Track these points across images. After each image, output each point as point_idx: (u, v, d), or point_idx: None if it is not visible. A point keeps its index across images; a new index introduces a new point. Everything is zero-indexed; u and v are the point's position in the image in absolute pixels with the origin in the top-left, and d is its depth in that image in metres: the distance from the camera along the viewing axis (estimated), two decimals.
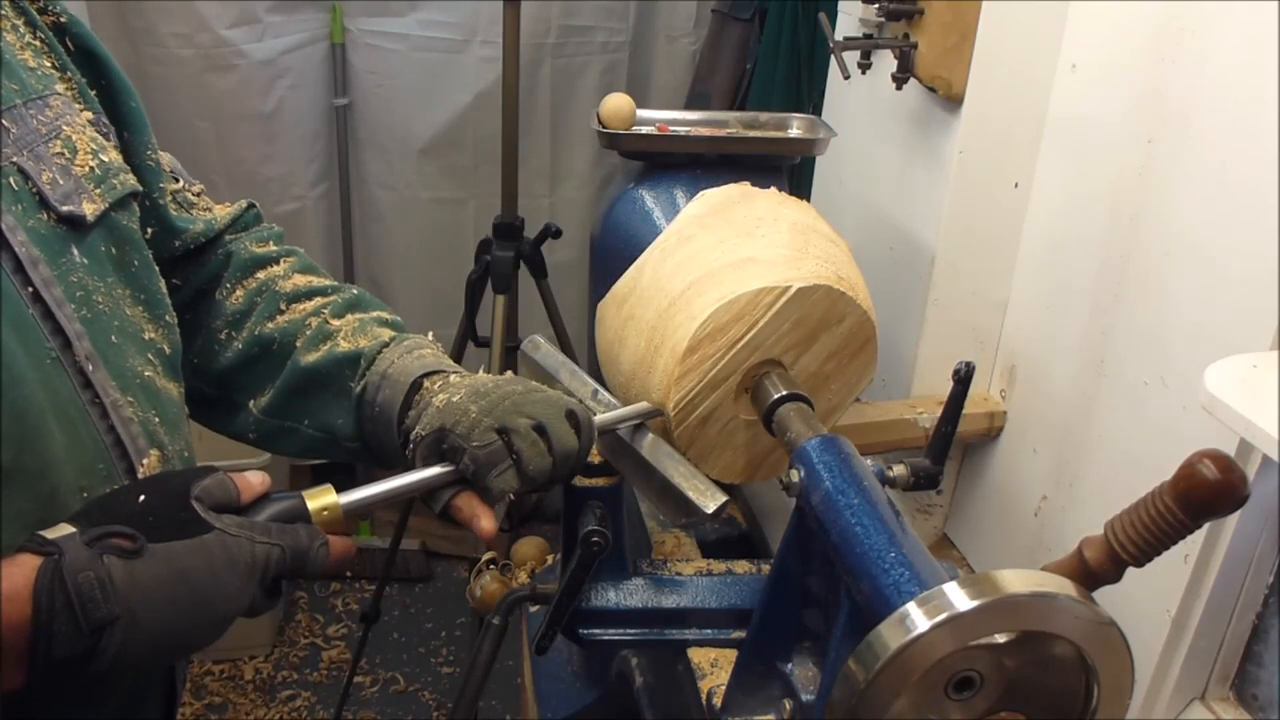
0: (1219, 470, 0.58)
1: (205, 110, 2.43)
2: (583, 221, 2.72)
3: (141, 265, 0.80)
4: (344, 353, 0.88)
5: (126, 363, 0.76)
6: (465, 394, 0.82)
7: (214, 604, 0.66)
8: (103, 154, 0.77)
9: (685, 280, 0.99)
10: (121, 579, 0.61)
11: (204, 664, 2.55)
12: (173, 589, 0.63)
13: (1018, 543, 1.34)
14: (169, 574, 0.63)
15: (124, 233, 0.78)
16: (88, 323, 0.72)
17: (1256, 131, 0.93)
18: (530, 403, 0.81)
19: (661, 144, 1.38)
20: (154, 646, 0.63)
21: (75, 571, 0.60)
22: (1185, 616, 1.03)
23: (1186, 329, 1.03)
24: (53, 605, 0.59)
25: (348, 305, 0.94)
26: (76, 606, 0.59)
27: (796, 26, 2.22)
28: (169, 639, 0.64)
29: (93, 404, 0.72)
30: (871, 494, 0.77)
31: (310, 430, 0.90)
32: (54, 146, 0.73)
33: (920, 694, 0.63)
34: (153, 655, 0.64)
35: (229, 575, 0.66)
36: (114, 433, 0.73)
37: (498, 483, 0.78)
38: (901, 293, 1.43)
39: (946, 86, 1.29)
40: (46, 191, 0.71)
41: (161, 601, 0.63)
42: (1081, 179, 1.21)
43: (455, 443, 0.79)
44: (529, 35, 2.44)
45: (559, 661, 1.36)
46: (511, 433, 0.79)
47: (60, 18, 0.80)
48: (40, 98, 0.74)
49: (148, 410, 0.77)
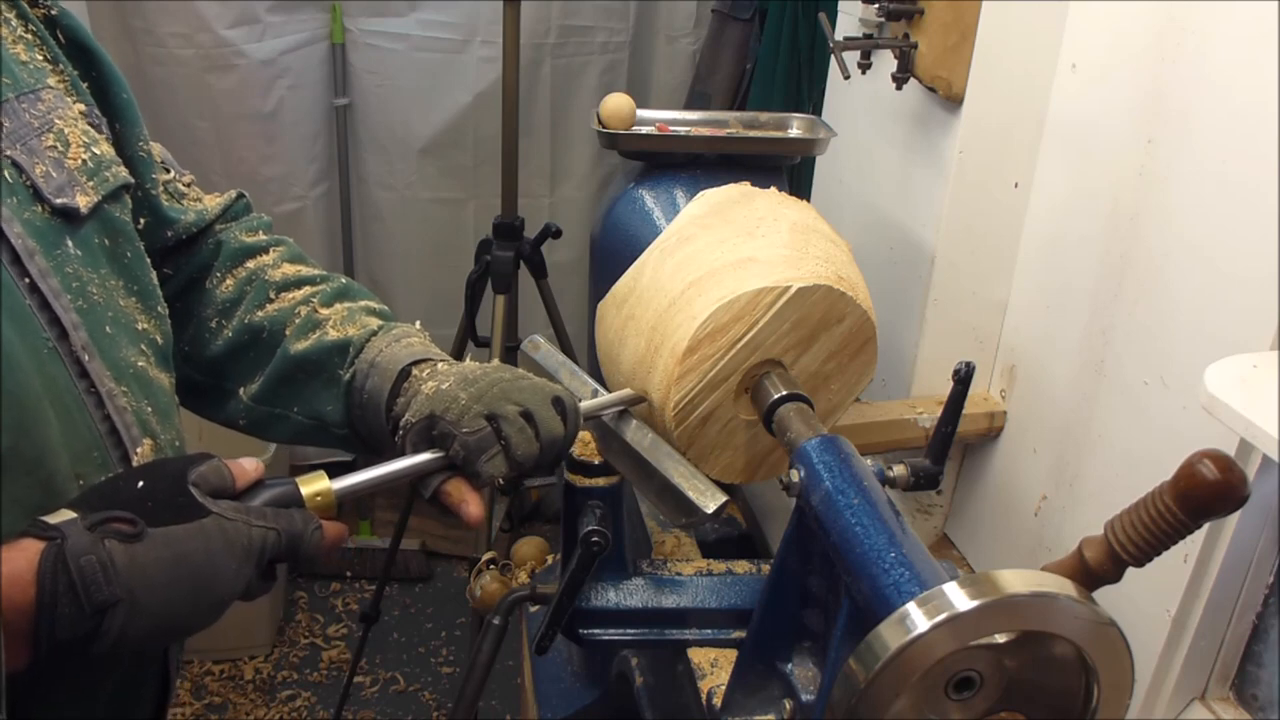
0: (1219, 470, 0.58)
1: (205, 110, 2.43)
2: (583, 221, 2.72)
3: (134, 257, 0.81)
4: (333, 341, 0.90)
5: (120, 353, 0.77)
6: (454, 381, 0.83)
7: (212, 586, 0.67)
8: (95, 147, 0.78)
9: (685, 280, 0.99)
10: (123, 562, 0.62)
11: (204, 664, 2.55)
12: (172, 572, 0.65)
13: (1018, 543, 1.34)
14: (169, 557, 0.65)
15: (117, 225, 0.79)
16: (83, 313, 0.73)
17: (1256, 131, 0.93)
18: (518, 390, 0.83)
19: (661, 144, 1.38)
20: (154, 627, 0.65)
21: (78, 555, 0.61)
22: (1185, 616, 1.03)
23: (1186, 329, 1.03)
24: (56, 588, 0.60)
25: (336, 294, 0.95)
26: (79, 589, 0.61)
27: (796, 26, 2.22)
28: (169, 620, 0.66)
29: (89, 393, 0.73)
30: (871, 494, 0.77)
31: (299, 417, 0.92)
32: (47, 140, 0.74)
33: (920, 694, 0.63)
34: (153, 636, 0.65)
35: (226, 558, 0.67)
36: (109, 421, 0.74)
37: (487, 468, 0.80)
38: (901, 293, 1.43)
39: (946, 86, 1.29)
40: (40, 184, 0.72)
41: (161, 584, 0.64)
42: (1081, 179, 1.21)
43: (445, 429, 0.81)
44: (529, 35, 2.44)
45: (559, 661, 1.36)
46: (500, 419, 0.80)
47: (51, 10, 0.80)
48: (33, 91, 0.74)
49: (141, 400, 0.78)
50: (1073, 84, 1.23)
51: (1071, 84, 1.23)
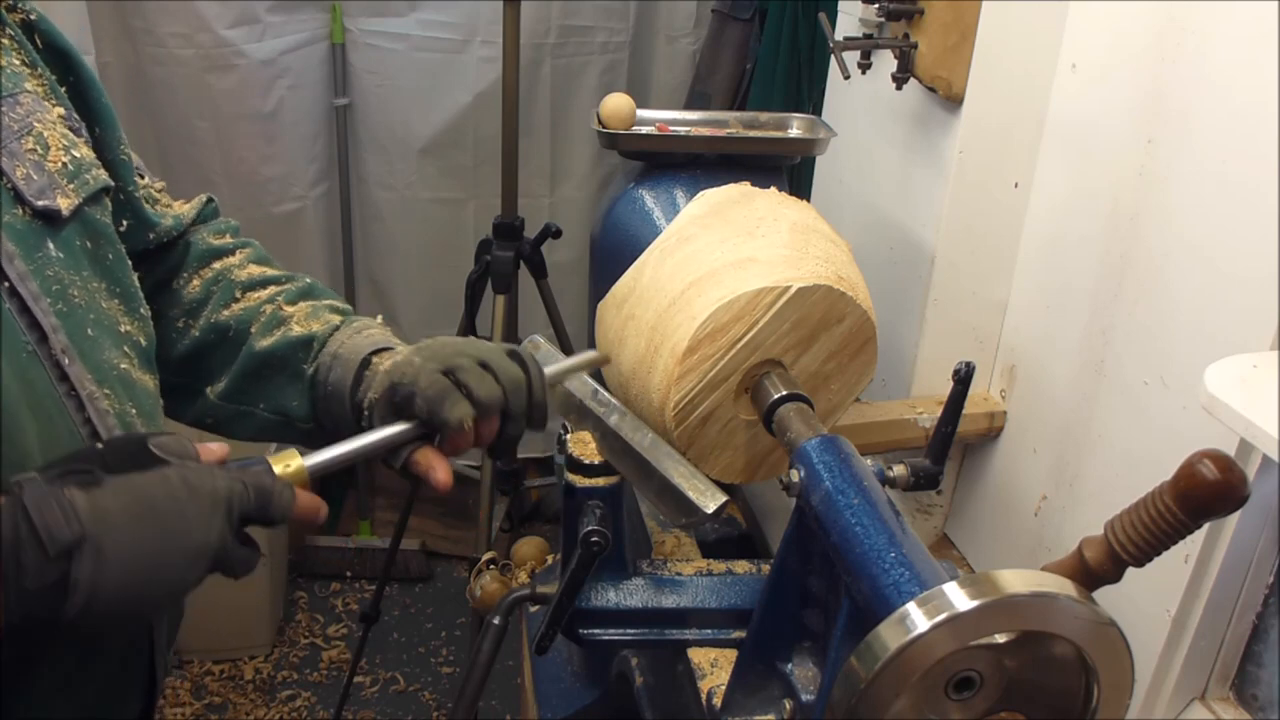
0: (1219, 470, 0.58)
1: (205, 110, 2.43)
2: (583, 221, 2.72)
3: (115, 259, 0.81)
4: (297, 336, 0.92)
5: (103, 355, 0.77)
6: (409, 352, 0.86)
7: (181, 532, 0.65)
8: (74, 150, 0.78)
9: (685, 280, 0.99)
10: (83, 504, 0.61)
11: (204, 664, 2.55)
12: (136, 512, 0.64)
13: (1018, 543, 1.34)
14: (131, 500, 0.64)
15: (98, 227, 0.80)
16: (64, 316, 0.73)
17: (1256, 131, 0.93)
18: (472, 347, 0.85)
19: (661, 144, 1.38)
20: (127, 578, 0.63)
21: (37, 500, 0.60)
22: (1185, 616, 1.03)
23: (1186, 329, 1.03)
24: (17, 536, 0.59)
25: (300, 293, 0.97)
26: (41, 532, 0.60)
27: (796, 26, 2.22)
28: (140, 570, 0.64)
29: (69, 396, 0.72)
30: (871, 494, 0.77)
31: (265, 413, 0.93)
32: (26, 143, 0.74)
33: (920, 694, 0.63)
34: (126, 591, 0.63)
35: (192, 502, 0.66)
36: (90, 425, 0.74)
37: (453, 413, 0.80)
38: (901, 293, 1.43)
39: (946, 86, 1.29)
40: (21, 187, 0.72)
41: (126, 526, 0.63)
42: (1081, 179, 1.21)
43: (405, 392, 0.82)
44: (529, 35, 2.44)
45: (559, 661, 1.36)
46: (457, 370, 0.82)
47: (30, 15, 0.81)
48: (11, 95, 0.75)
49: (125, 402, 0.77)
50: (1073, 84, 1.23)
51: (1071, 84, 1.23)
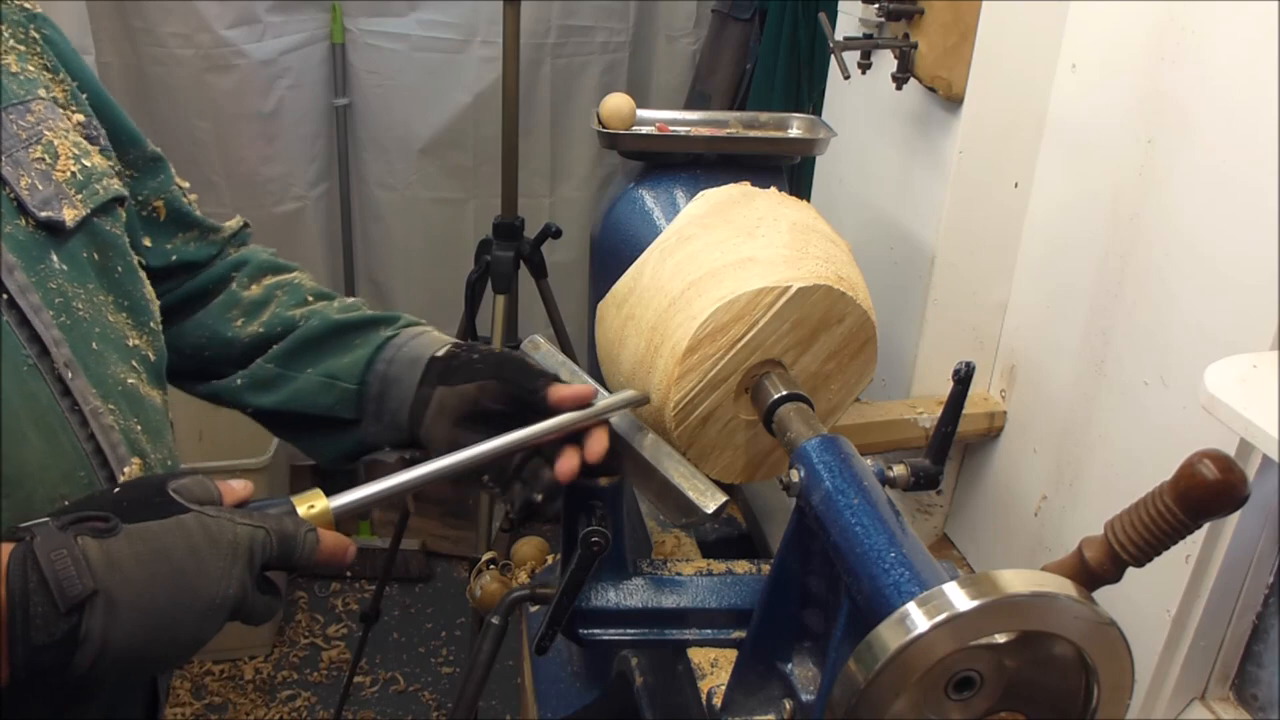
0: (1219, 470, 0.58)
1: (205, 110, 2.43)
2: (583, 221, 2.72)
3: (125, 271, 0.80)
4: (375, 314, 0.96)
5: (108, 370, 0.75)
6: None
7: (197, 585, 0.62)
8: (85, 159, 0.77)
9: (685, 280, 0.99)
10: (96, 556, 0.59)
11: (204, 664, 2.55)
12: (151, 566, 0.61)
13: (1018, 543, 1.34)
14: (146, 551, 0.61)
15: (107, 238, 0.78)
16: (67, 329, 0.71)
17: (1256, 131, 0.93)
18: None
19: (661, 144, 1.38)
20: (138, 634, 0.60)
21: (48, 551, 0.58)
22: (1185, 616, 1.03)
23: (1186, 329, 1.03)
24: (26, 586, 0.57)
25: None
26: (51, 584, 0.57)
27: (796, 26, 2.22)
28: (154, 626, 0.61)
29: (72, 411, 0.71)
30: (871, 494, 0.77)
31: (310, 376, 0.92)
32: (34, 152, 0.73)
33: (920, 694, 0.63)
34: (139, 646, 0.61)
35: (210, 553, 0.63)
36: (94, 441, 0.72)
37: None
38: (901, 293, 1.43)
39: (946, 86, 1.29)
40: (24, 197, 0.71)
41: (141, 580, 0.60)
42: (1081, 179, 1.21)
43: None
44: (529, 35, 2.44)
45: (559, 661, 1.36)
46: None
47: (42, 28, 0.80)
48: (21, 103, 0.74)
49: (130, 418, 0.76)
50: (1073, 84, 1.23)
51: (1071, 84, 1.23)
